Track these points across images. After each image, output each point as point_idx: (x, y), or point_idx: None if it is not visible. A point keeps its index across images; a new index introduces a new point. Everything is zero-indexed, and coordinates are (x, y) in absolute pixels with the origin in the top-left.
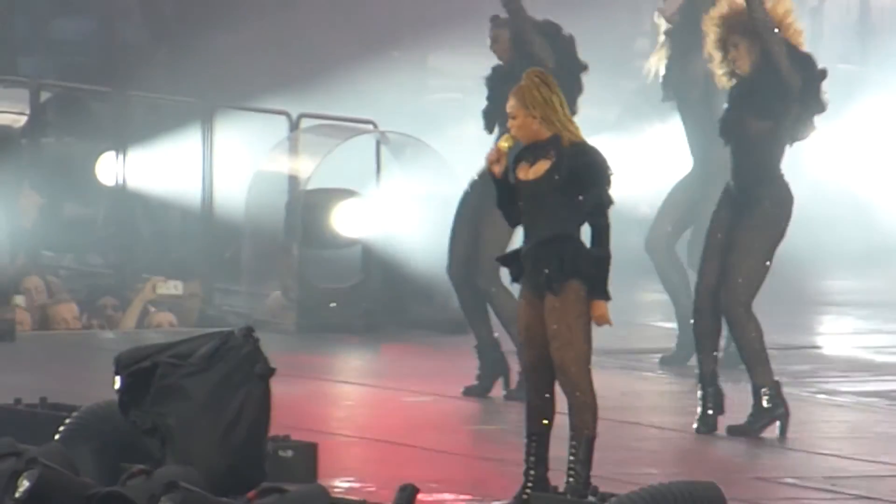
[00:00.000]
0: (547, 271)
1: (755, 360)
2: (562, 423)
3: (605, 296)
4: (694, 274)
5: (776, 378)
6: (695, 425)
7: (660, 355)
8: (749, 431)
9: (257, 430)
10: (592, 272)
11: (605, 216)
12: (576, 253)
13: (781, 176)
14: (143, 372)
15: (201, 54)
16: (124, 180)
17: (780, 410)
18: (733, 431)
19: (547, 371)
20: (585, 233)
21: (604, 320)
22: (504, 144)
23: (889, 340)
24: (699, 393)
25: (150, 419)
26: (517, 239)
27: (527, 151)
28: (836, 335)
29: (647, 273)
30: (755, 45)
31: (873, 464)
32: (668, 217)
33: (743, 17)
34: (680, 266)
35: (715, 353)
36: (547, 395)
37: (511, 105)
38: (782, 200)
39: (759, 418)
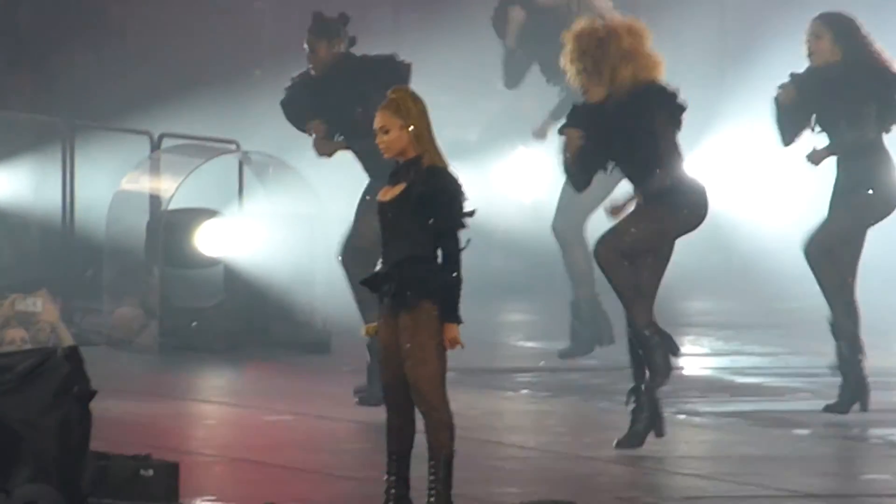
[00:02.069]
0: (399, 290)
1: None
2: (422, 441)
3: (457, 319)
4: None
5: None
6: (615, 442)
7: (524, 374)
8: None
9: (73, 452)
10: (444, 295)
11: (454, 239)
12: (427, 274)
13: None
14: None
15: (62, 73)
16: None
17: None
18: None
19: (403, 390)
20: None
21: (455, 343)
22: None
23: (748, 362)
24: (631, 405)
25: None
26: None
27: (394, 173)
28: (695, 356)
29: (508, 293)
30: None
31: (733, 484)
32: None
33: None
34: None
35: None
36: (405, 414)
37: (382, 118)
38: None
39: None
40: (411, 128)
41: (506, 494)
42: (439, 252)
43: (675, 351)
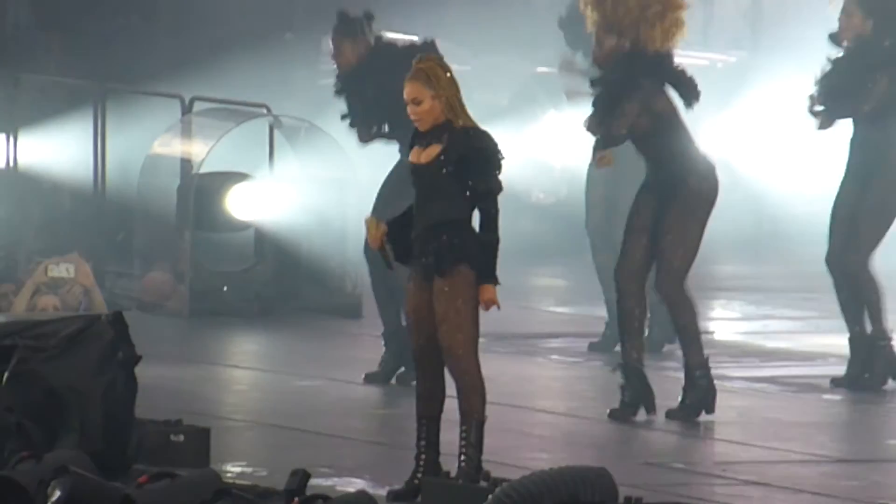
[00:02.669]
0: (435, 255)
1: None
2: (453, 406)
3: (494, 280)
4: None
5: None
6: (608, 411)
7: (554, 340)
8: (686, 415)
9: (119, 417)
10: (481, 257)
11: (494, 202)
12: (464, 237)
13: (704, 157)
14: (4, 350)
15: (93, 37)
16: (15, 162)
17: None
18: (672, 415)
19: (435, 355)
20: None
21: (492, 303)
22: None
23: (779, 326)
24: (620, 381)
25: (6, 399)
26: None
27: (421, 135)
28: (726, 321)
29: (538, 258)
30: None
31: (763, 449)
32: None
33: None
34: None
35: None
36: (436, 379)
37: (413, 89)
38: (705, 181)
39: (695, 398)
40: (441, 90)
41: (536, 459)
42: (473, 214)
43: (710, 407)
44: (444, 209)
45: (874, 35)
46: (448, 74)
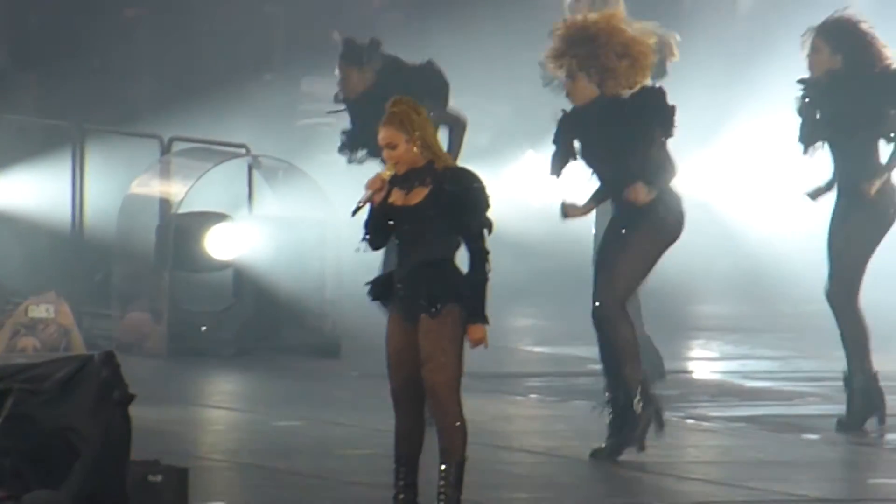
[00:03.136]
0: (426, 295)
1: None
2: (431, 446)
3: (484, 319)
4: None
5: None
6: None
7: (533, 379)
8: (611, 453)
9: (116, 457)
10: (471, 296)
11: (484, 241)
12: (454, 277)
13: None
14: None
15: (71, 76)
16: None
17: (651, 408)
18: (596, 454)
19: (416, 395)
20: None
21: (481, 343)
22: (388, 174)
23: (758, 366)
24: (608, 416)
25: (1, 441)
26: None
27: (399, 178)
28: (705, 360)
29: (516, 298)
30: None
31: (743, 489)
32: None
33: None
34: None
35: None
36: (415, 419)
37: (388, 134)
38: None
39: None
40: (416, 133)
41: (514, 500)
42: (455, 254)
43: (661, 424)
44: (431, 249)
45: (845, 69)
46: (421, 115)
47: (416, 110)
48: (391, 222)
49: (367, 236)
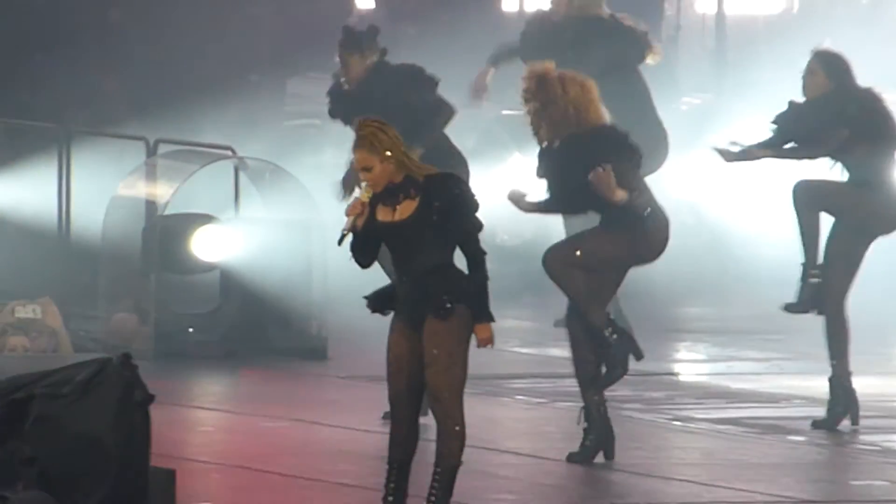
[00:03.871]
0: (434, 300)
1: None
2: (423, 448)
3: (490, 318)
4: None
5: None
6: (567, 454)
7: (520, 381)
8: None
9: (140, 458)
10: (475, 297)
11: (478, 242)
12: (459, 278)
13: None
14: (19, 402)
15: (57, 79)
16: None
17: (625, 337)
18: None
19: (414, 400)
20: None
21: (489, 343)
22: (366, 196)
23: (743, 367)
24: (584, 423)
25: (27, 450)
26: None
27: (382, 194)
28: (691, 362)
29: (503, 300)
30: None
31: (728, 490)
32: None
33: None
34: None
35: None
36: (411, 425)
37: (362, 157)
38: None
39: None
40: (387, 153)
41: (501, 501)
42: (452, 257)
43: (638, 355)
44: (430, 257)
45: (836, 94)
46: (389, 133)
47: (382, 129)
48: (382, 240)
49: (355, 258)
